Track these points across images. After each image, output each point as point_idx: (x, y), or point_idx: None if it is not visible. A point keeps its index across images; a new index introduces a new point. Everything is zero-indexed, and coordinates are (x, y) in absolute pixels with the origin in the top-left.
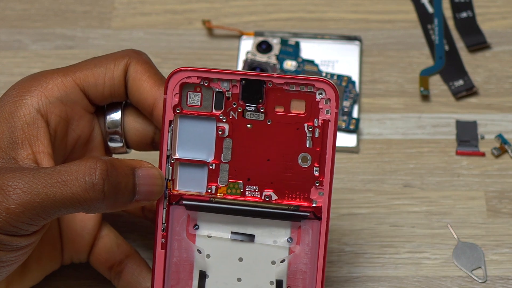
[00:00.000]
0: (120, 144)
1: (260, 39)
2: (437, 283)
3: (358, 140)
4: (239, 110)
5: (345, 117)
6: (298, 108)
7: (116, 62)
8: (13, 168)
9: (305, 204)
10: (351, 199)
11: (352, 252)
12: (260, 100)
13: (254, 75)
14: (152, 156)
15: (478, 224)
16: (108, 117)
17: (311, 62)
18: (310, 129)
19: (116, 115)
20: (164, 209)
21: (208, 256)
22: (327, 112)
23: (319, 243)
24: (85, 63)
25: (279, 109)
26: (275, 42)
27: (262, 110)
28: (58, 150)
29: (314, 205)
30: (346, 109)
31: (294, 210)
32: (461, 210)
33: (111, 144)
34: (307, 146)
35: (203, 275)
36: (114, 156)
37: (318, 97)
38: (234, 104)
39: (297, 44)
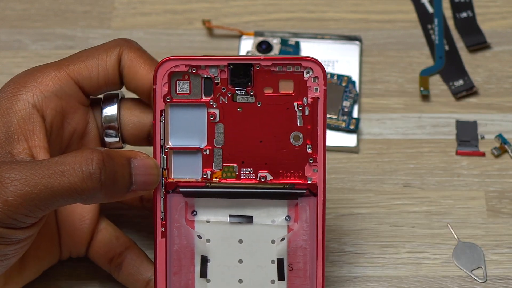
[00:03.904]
0: (116, 139)
1: (260, 39)
2: (437, 283)
3: (358, 140)
4: (229, 95)
5: (345, 117)
6: (286, 88)
7: (108, 52)
8: (9, 161)
9: (300, 181)
10: (351, 199)
11: (352, 252)
12: (249, 83)
13: (241, 59)
14: (147, 150)
15: (478, 224)
16: (104, 112)
17: None
18: (300, 108)
19: (112, 110)
20: (162, 198)
21: (208, 240)
22: (316, 90)
23: (317, 219)
24: (77, 56)
25: (268, 91)
26: (275, 42)
27: (251, 93)
28: (54, 144)
29: (309, 182)
30: (346, 109)
31: (290, 189)
32: (461, 210)
33: (107, 139)
34: (298, 124)
35: (204, 260)
36: None
37: (305, 76)
38: (224, 89)
39: (297, 44)
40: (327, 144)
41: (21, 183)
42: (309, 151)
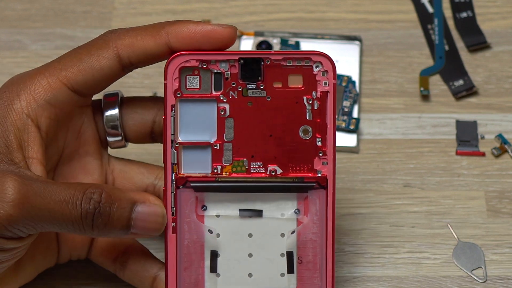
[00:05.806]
0: (119, 138)
1: (260, 39)
2: (437, 283)
3: (358, 140)
4: (239, 89)
5: (345, 117)
6: (295, 82)
7: (99, 53)
8: (23, 175)
9: (310, 175)
10: (351, 199)
11: (352, 252)
12: (259, 78)
13: (252, 53)
14: (155, 148)
15: (478, 224)
16: (106, 112)
17: None
18: (310, 102)
19: (113, 109)
20: (172, 193)
21: (218, 235)
22: (325, 83)
23: (327, 212)
24: (69, 59)
25: (277, 85)
26: (275, 42)
27: (261, 87)
28: (52, 150)
29: (319, 175)
30: (346, 109)
31: (299, 182)
32: (461, 210)
33: (110, 139)
34: (307, 118)
35: (214, 255)
36: (112, 149)
37: (315, 70)
38: (233, 84)
39: (297, 44)
40: None
41: (29, 203)
42: (319, 144)
